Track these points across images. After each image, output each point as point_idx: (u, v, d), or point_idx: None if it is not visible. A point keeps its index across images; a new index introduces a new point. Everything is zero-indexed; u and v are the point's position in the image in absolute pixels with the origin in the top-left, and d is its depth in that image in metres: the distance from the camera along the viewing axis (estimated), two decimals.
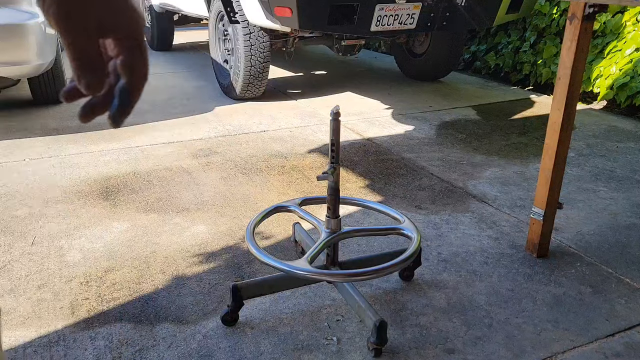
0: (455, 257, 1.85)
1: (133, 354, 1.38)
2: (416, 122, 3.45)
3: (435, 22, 3.63)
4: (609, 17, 3.88)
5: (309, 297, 1.62)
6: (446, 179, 2.52)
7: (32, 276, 1.72)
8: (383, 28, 3.47)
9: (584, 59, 1.61)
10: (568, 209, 2.19)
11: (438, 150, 2.91)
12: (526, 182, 2.50)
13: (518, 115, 3.59)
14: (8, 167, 2.63)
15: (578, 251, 1.89)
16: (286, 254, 1.87)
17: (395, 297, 1.62)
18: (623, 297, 1.63)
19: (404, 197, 2.32)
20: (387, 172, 2.61)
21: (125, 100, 0.53)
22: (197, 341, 1.43)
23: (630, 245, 1.93)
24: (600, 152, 2.87)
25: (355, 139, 3.10)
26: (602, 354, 1.39)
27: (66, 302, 1.59)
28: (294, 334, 1.46)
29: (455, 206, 2.24)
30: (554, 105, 1.68)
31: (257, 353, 1.39)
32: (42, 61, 3.24)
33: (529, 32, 4.53)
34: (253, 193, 2.34)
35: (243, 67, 3.63)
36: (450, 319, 1.53)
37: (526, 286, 1.68)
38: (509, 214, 2.17)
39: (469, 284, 1.69)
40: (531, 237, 1.85)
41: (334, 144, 1.35)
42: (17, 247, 1.89)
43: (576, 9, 1.55)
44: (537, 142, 3.04)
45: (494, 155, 2.85)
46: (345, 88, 4.35)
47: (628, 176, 2.55)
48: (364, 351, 1.39)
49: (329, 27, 3.30)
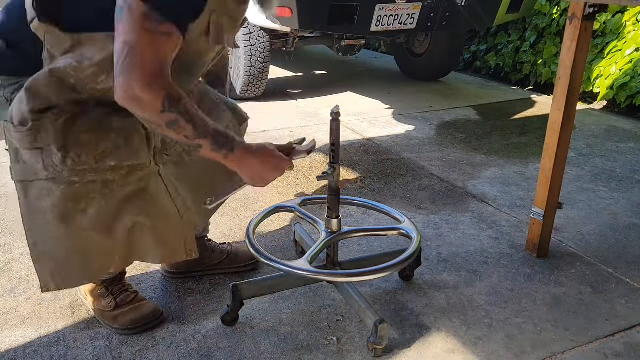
0: (455, 257, 1.84)
1: (133, 354, 1.38)
2: (416, 122, 3.45)
3: (435, 22, 3.63)
4: (609, 17, 3.88)
5: (309, 297, 1.62)
6: (446, 179, 2.52)
7: (32, 276, 1.71)
8: (383, 28, 3.47)
9: (584, 59, 1.61)
10: (568, 209, 2.19)
11: (438, 150, 2.91)
12: (526, 182, 2.50)
13: (518, 115, 3.59)
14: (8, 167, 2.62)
15: (578, 251, 1.89)
16: (286, 254, 1.87)
17: (395, 297, 1.62)
18: (623, 297, 1.63)
19: (404, 197, 2.32)
20: (387, 172, 2.61)
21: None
22: (197, 341, 1.43)
23: (630, 245, 1.93)
24: (600, 152, 2.87)
25: (355, 139, 3.10)
26: (602, 354, 1.39)
27: (66, 302, 1.59)
28: (294, 334, 1.46)
29: (455, 206, 2.24)
30: (554, 105, 1.68)
31: (257, 353, 1.39)
32: None
33: (529, 32, 4.53)
34: (253, 193, 2.34)
35: (243, 67, 3.64)
36: (450, 319, 1.53)
37: (526, 286, 1.68)
38: (509, 214, 2.17)
39: (469, 284, 1.69)
40: (531, 237, 1.85)
41: (334, 144, 1.35)
42: (17, 247, 1.89)
43: (576, 9, 1.54)
44: (537, 142, 3.04)
45: (494, 155, 2.85)
46: (345, 88, 4.35)
47: (628, 176, 2.55)
48: (364, 351, 1.39)
49: (329, 27, 3.30)
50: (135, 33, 1.01)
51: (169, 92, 1.04)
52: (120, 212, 1.25)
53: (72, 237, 1.21)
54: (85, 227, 1.22)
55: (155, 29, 1.02)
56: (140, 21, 1.01)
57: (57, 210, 1.19)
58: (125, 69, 1.01)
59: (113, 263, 1.31)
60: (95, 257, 1.27)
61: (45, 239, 1.22)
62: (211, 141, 1.11)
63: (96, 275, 1.35)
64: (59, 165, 1.15)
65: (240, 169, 1.19)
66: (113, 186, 1.22)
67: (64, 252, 1.23)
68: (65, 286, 1.30)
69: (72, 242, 1.23)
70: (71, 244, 1.22)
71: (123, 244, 1.28)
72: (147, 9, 1.01)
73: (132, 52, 1.01)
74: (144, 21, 1.01)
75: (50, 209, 1.19)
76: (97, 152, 1.18)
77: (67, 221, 1.20)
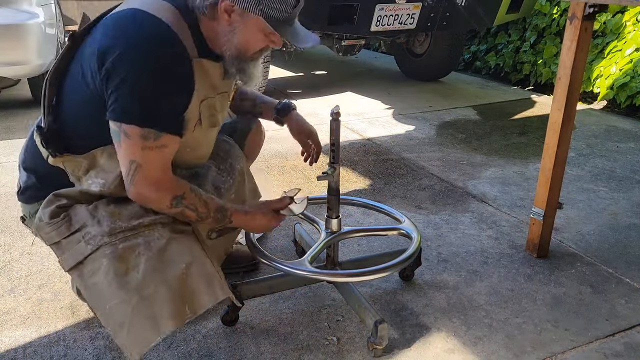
0: (455, 257, 1.84)
1: None
2: (416, 122, 3.45)
3: (435, 22, 3.63)
4: (609, 17, 3.88)
5: (309, 297, 1.62)
6: (446, 179, 2.52)
7: (32, 276, 1.72)
8: (383, 28, 3.47)
9: (584, 59, 1.61)
10: (568, 209, 2.19)
11: (438, 150, 2.91)
12: (526, 182, 2.50)
13: (518, 115, 3.59)
14: (8, 167, 2.63)
15: (578, 251, 1.89)
16: (286, 254, 1.87)
17: (395, 297, 1.62)
18: (623, 297, 1.63)
19: (404, 197, 2.32)
20: (387, 172, 2.61)
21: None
22: (197, 341, 1.43)
23: (630, 245, 1.93)
24: (600, 152, 2.87)
25: (355, 139, 3.10)
26: (602, 354, 1.39)
27: (66, 302, 1.59)
28: (294, 334, 1.46)
29: (455, 206, 2.24)
30: (554, 105, 1.68)
31: (257, 353, 1.39)
32: (42, 61, 3.24)
33: (529, 32, 4.53)
34: None
35: None
36: (450, 319, 1.53)
37: (526, 286, 1.68)
38: (509, 214, 2.17)
39: (469, 284, 1.69)
40: (531, 237, 1.85)
41: (334, 144, 1.35)
42: (17, 247, 1.89)
43: (576, 9, 1.54)
44: (537, 142, 3.04)
45: (494, 155, 2.85)
46: (345, 88, 4.35)
47: (628, 176, 2.55)
48: (364, 351, 1.39)
49: (329, 27, 3.30)
50: (137, 153, 1.16)
51: (174, 193, 1.22)
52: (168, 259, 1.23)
53: (134, 296, 1.16)
54: (140, 282, 1.18)
55: (154, 146, 1.17)
56: (139, 143, 1.15)
57: (110, 275, 1.18)
58: (134, 182, 1.19)
59: (183, 313, 1.20)
60: (161, 308, 1.18)
61: (113, 311, 1.17)
62: (212, 220, 1.30)
63: (170, 326, 1.20)
64: (98, 236, 1.21)
65: (239, 226, 1.42)
66: (154, 237, 1.23)
67: (130, 314, 1.17)
68: (146, 349, 1.17)
69: (136, 300, 1.17)
70: (134, 303, 1.17)
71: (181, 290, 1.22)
72: (143, 131, 1.15)
73: (138, 168, 1.18)
74: (143, 142, 1.15)
75: (104, 277, 1.18)
76: (130, 215, 1.24)
77: (122, 282, 1.17)
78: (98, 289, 1.19)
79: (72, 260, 1.22)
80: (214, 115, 1.31)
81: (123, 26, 1.16)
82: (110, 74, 1.13)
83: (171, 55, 1.16)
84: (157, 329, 1.14)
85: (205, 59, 1.23)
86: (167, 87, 1.17)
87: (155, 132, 1.16)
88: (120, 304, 1.17)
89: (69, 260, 1.23)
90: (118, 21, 1.18)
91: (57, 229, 1.24)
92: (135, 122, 1.14)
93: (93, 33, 1.23)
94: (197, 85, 1.22)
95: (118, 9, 1.23)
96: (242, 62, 1.25)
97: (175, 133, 1.21)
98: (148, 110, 1.16)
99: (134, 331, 1.15)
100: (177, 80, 1.19)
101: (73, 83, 1.24)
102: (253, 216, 1.37)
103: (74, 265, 1.22)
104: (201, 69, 1.23)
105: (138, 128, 1.14)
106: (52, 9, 3.62)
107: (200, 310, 1.18)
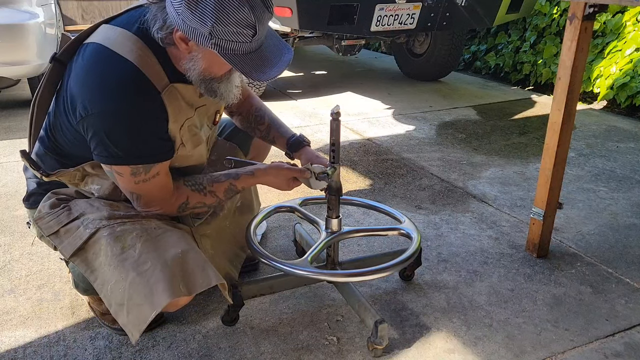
0: (455, 257, 1.85)
1: (133, 354, 1.38)
2: (416, 122, 3.45)
3: (435, 22, 3.63)
4: (609, 17, 3.88)
5: (309, 297, 1.62)
6: (446, 179, 2.52)
7: (32, 276, 1.72)
8: (383, 28, 3.47)
9: (584, 59, 1.61)
10: (568, 209, 2.19)
11: (438, 150, 2.91)
12: (526, 182, 2.50)
13: (518, 115, 3.59)
14: (8, 167, 2.63)
15: (578, 251, 1.89)
16: (286, 254, 1.87)
17: (395, 297, 1.62)
18: (623, 297, 1.63)
19: (404, 197, 2.32)
20: (387, 172, 2.61)
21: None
22: (197, 341, 1.43)
23: (630, 245, 1.93)
24: (600, 152, 2.87)
25: (355, 139, 3.10)
26: (602, 354, 1.39)
27: (66, 302, 1.59)
28: (294, 334, 1.46)
29: (455, 206, 2.24)
30: (554, 105, 1.68)
31: (257, 353, 1.39)
32: (42, 61, 3.24)
33: (529, 32, 4.53)
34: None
35: None
36: (450, 319, 1.53)
37: (526, 286, 1.68)
38: (509, 214, 2.17)
39: (469, 284, 1.69)
40: (531, 237, 1.85)
41: (334, 144, 1.35)
42: (17, 247, 1.89)
43: (576, 9, 1.54)
44: (537, 142, 3.04)
45: (494, 155, 2.85)
46: (345, 88, 4.35)
47: (628, 176, 2.55)
48: (364, 351, 1.39)
49: (329, 27, 3.30)
50: (133, 187, 1.24)
51: (178, 202, 1.30)
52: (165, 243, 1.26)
53: (130, 272, 1.19)
54: (137, 259, 1.20)
55: (147, 178, 1.22)
56: (132, 179, 1.22)
57: (108, 255, 1.21)
58: (139, 205, 1.28)
59: (178, 292, 1.20)
60: (156, 282, 1.19)
61: (114, 292, 1.19)
62: (226, 201, 1.40)
63: (164, 300, 1.20)
64: (97, 219, 1.25)
65: (264, 183, 1.42)
66: (151, 227, 1.27)
67: (127, 290, 1.18)
68: (144, 326, 1.17)
69: (132, 277, 1.18)
70: (131, 279, 1.18)
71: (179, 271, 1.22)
72: (132, 169, 1.20)
73: (139, 197, 1.26)
74: (135, 177, 1.21)
75: (105, 258, 1.21)
76: (128, 208, 1.30)
77: (119, 260, 1.20)
78: (103, 271, 1.22)
79: (71, 247, 1.24)
80: (196, 134, 1.31)
81: (91, 71, 1.16)
82: (84, 122, 1.16)
83: (137, 96, 1.15)
84: (152, 303, 1.14)
85: (178, 83, 1.22)
86: (142, 126, 1.18)
87: (144, 166, 1.20)
88: (118, 282, 1.19)
89: (68, 247, 1.24)
90: (85, 66, 1.17)
91: (57, 217, 1.28)
92: (122, 163, 1.19)
93: (70, 66, 1.22)
94: (171, 113, 1.22)
95: (88, 39, 1.21)
96: (209, 84, 1.22)
97: (165, 160, 1.24)
98: (130, 151, 1.18)
99: (132, 310, 1.17)
100: (150, 116, 1.18)
101: (57, 107, 1.25)
102: (265, 177, 1.40)
103: (75, 252, 1.24)
104: (173, 95, 1.21)
105: (127, 167, 1.19)
106: (52, 9, 3.63)
107: (194, 290, 1.18)
